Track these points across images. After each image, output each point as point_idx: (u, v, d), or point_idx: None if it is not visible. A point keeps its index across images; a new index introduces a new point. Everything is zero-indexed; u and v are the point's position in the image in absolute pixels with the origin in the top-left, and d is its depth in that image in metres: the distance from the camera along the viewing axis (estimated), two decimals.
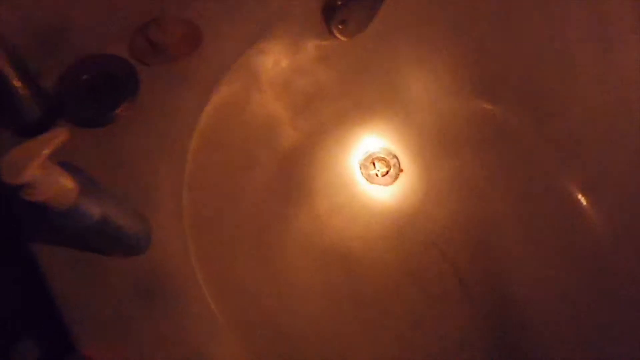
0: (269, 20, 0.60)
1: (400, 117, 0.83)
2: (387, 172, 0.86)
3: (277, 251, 0.75)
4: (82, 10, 0.51)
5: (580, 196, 0.82)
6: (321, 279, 0.77)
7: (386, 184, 0.85)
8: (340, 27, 0.65)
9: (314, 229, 0.80)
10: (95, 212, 0.37)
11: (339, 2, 0.62)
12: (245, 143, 0.67)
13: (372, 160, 0.86)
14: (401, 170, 0.86)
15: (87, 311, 0.45)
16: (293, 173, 0.79)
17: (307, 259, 0.78)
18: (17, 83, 0.45)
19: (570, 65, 0.73)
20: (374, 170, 0.86)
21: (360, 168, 0.86)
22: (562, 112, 0.79)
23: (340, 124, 0.81)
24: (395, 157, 0.86)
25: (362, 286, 0.78)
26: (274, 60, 0.64)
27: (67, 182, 0.34)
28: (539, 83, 0.78)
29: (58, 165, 0.34)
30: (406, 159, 0.86)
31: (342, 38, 0.67)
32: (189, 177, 0.53)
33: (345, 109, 0.79)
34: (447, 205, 0.84)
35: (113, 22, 0.52)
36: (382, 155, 0.86)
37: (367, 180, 0.85)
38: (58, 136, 0.32)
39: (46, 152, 0.32)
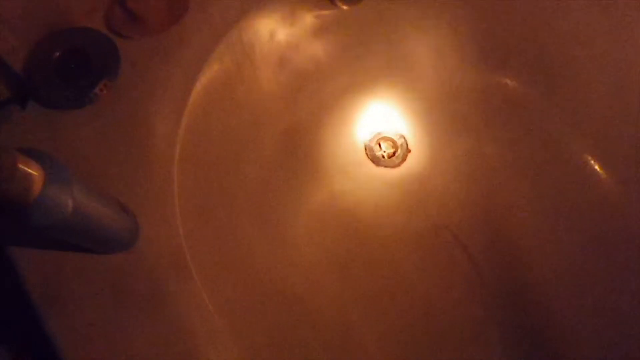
0: None
1: (407, 94, 0.77)
2: (394, 153, 0.80)
3: (281, 232, 0.70)
4: None
5: (595, 165, 0.77)
6: (328, 260, 0.73)
7: (393, 166, 0.80)
8: None
9: (318, 214, 0.75)
10: (67, 204, 0.32)
11: None
12: (240, 124, 0.62)
13: (378, 141, 0.81)
14: (409, 151, 0.80)
15: (69, 317, 0.40)
16: (294, 156, 0.74)
17: (312, 242, 0.73)
18: None
19: (578, 34, 0.68)
20: (380, 152, 0.80)
21: (366, 149, 0.80)
22: (571, 80, 0.74)
23: (342, 102, 0.75)
24: (402, 136, 0.80)
25: (370, 270, 0.74)
26: (269, 32, 0.59)
27: (31, 170, 0.29)
28: (548, 53, 0.73)
29: (19, 151, 0.29)
30: (414, 139, 0.80)
31: (343, 6, 0.61)
32: (180, 162, 0.48)
33: (347, 86, 0.74)
34: (458, 185, 0.79)
35: None
36: (389, 135, 0.81)
37: (373, 162, 0.80)
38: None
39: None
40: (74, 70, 0.45)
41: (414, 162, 0.80)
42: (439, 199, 0.79)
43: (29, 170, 0.29)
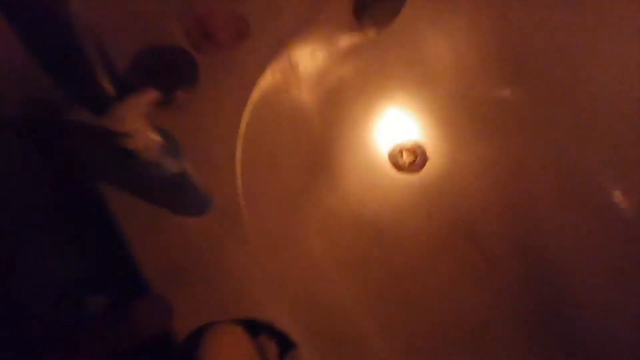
0: (307, 17, 0.67)
1: (426, 107, 0.89)
2: (414, 161, 0.91)
3: (310, 228, 0.80)
4: (147, 6, 0.58)
5: (601, 170, 0.86)
6: (350, 257, 0.82)
7: (413, 172, 0.91)
8: (370, 21, 0.71)
9: (343, 213, 0.86)
10: (174, 167, 0.43)
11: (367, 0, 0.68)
12: (284, 127, 0.73)
13: (400, 150, 0.92)
14: (427, 159, 0.91)
15: (157, 258, 0.51)
16: (323, 159, 0.85)
17: (336, 242, 0.83)
18: (98, 67, 0.52)
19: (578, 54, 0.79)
20: (401, 160, 0.91)
21: (389, 158, 0.91)
22: (572, 96, 0.84)
23: (368, 114, 0.87)
24: (420, 146, 0.91)
25: (391, 265, 0.83)
26: (311, 52, 0.71)
27: (154, 137, 0.41)
28: (551, 71, 0.84)
29: (149, 123, 0.40)
30: (432, 148, 0.91)
31: (371, 33, 0.73)
32: (241, 153, 0.60)
33: (372, 100, 0.86)
34: (474, 190, 0.89)
35: (174, 16, 0.60)
36: (408, 145, 0.92)
37: (396, 168, 0.91)
38: (149, 95, 0.39)
39: (142, 108, 0.38)
40: (162, 78, 0.58)
41: (432, 168, 0.90)
42: (456, 203, 0.88)
43: (154, 137, 0.41)
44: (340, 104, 0.83)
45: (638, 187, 0.82)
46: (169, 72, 0.59)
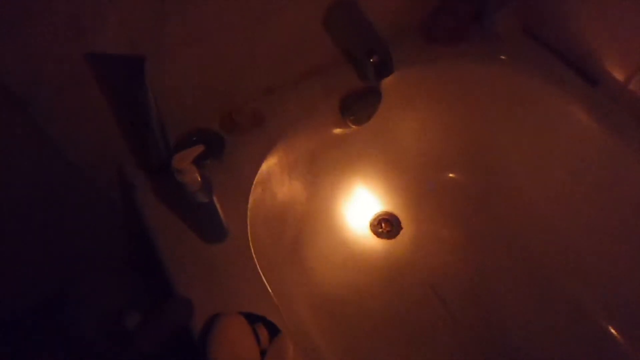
0: (304, 113, 0.93)
1: (400, 185, 1.12)
2: (391, 230, 1.12)
3: (297, 286, 0.99)
4: (194, 102, 0.85)
5: (536, 240, 1.05)
6: (331, 308, 0.99)
7: (389, 238, 1.11)
8: (351, 118, 0.97)
9: (333, 270, 1.04)
10: (206, 198, 0.65)
11: (349, 102, 0.95)
12: (279, 203, 0.96)
13: (380, 220, 1.13)
14: (401, 228, 1.11)
15: (185, 272, 0.70)
16: (314, 230, 1.06)
17: (320, 295, 1.01)
18: (159, 138, 0.77)
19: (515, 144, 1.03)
20: (381, 229, 1.12)
21: (370, 226, 1.12)
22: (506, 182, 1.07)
23: (352, 191, 1.10)
24: (396, 217, 1.12)
25: (364, 316, 0.99)
26: (305, 141, 0.96)
27: (197, 176, 0.63)
28: (501, 159, 1.08)
29: (195, 166, 0.63)
30: (405, 219, 1.12)
31: (353, 127, 0.99)
32: (251, 204, 0.81)
33: (353, 179, 1.09)
34: (440, 254, 1.08)
35: (211, 108, 0.86)
36: (386, 217, 1.13)
37: (376, 235, 1.11)
38: (198, 149, 0.62)
39: (192, 156, 0.61)
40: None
41: (405, 235, 1.11)
42: (425, 265, 1.07)
43: (197, 176, 0.63)
44: (326, 183, 1.06)
45: (580, 266, 0.99)
46: (204, 145, 0.83)
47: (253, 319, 0.65)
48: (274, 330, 0.65)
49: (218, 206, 0.69)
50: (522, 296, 1.01)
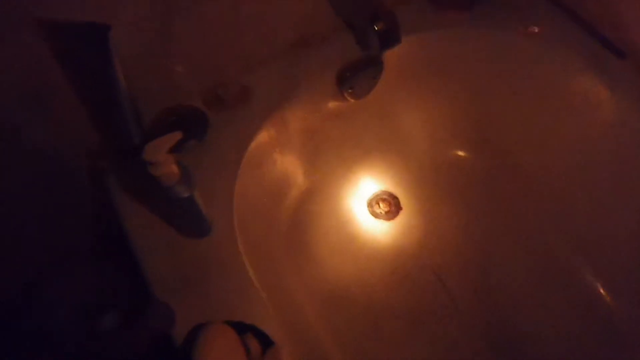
0: (297, 86, 0.83)
1: (400, 164, 1.04)
2: (389, 210, 1.04)
3: (293, 271, 0.92)
4: (173, 75, 0.74)
5: (546, 223, 0.98)
6: (330, 295, 0.93)
7: (388, 220, 1.04)
8: (349, 91, 0.88)
9: (327, 251, 0.98)
10: (186, 192, 0.57)
11: (348, 74, 0.85)
12: (274, 179, 0.87)
13: (377, 201, 1.05)
14: (401, 208, 1.04)
15: (164, 273, 0.63)
16: (311, 208, 0.99)
17: (317, 280, 0.94)
18: (130, 120, 0.67)
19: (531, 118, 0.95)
20: (379, 209, 1.04)
21: (367, 207, 1.05)
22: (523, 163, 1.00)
23: (350, 167, 1.02)
24: (395, 197, 1.05)
25: (364, 301, 0.94)
26: (302, 114, 0.86)
27: (174, 168, 0.54)
28: (509, 136, 1.00)
29: (172, 157, 0.54)
30: (405, 199, 1.05)
31: (351, 100, 0.90)
32: (237, 191, 0.73)
33: (353, 155, 1.01)
34: (439, 235, 1.01)
35: (193, 84, 0.76)
36: (384, 197, 1.05)
37: (373, 216, 1.04)
38: (174, 136, 0.53)
39: (168, 145, 0.52)
40: (181, 129, 0.73)
41: (404, 217, 1.04)
42: (425, 247, 1.01)
43: (174, 168, 0.54)
44: (325, 159, 0.97)
45: (592, 252, 0.93)
46: (185, 124, 0.74)
47: (242, 329, 0.58)
48: (266, 341, 0.58)
49: (200, 200, 0.60)
50: (529, 282, 0.95)
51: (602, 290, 0.92)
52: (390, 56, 0.83)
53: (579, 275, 0.94)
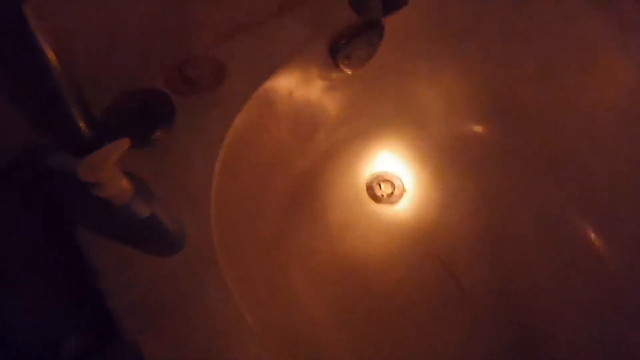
0: (284, 57, 0.69)
1: (402, 141, 0.92)
2: (392, 193, 0.93)
3: (289, 265, 0.82)
4: (123, 50, 0.61)
5: (569, 205, 0.88)
6: (329, 289, 0.84)
7: (391, 203, 0.93)
8: (345, 62, 0.74)
9: (324, 242, 0.87)
10: (145, 211, 0.45)
11: (343, 41, 0.71)
12: (262, 165, 0.75)
13: (378, 182, 0.94)
14: (405, 190, 0.93)
15: (129, 302, 0.52)
16: (303, 194, 0.87)
17: (316, 273, 0.85)
18: (75, 110, 0.54)
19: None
20: (380, 191, 0.93)
21: (367, 189, 0.93)
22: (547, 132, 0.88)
23: (346, 148, 0.89)
24: (399, 178, 0.94)
25: (369, 295, 0.84)
26: (288, 91, 0.73)
27: (125, 185, 0.42)
28: (528, 110, 0.87)
29: (120, 170, 0.42)
30: (409, 180, 0.93)
31: (347, 71, 0.76)
32: (216, 190, 0.61)
33: (350, 135, 0.88)
34: (447, 221, 0.91)
35: (152, 60, 0.62)
36: (387, 178, 0.94)
37: (374, 200, 0.93)
38: (121, 146, 0.41)
39: (113, 158, 0.40)
40: (140, 120, 0.60)
41: (409, 200, 0.93)
42: (432, 232, 0.91)
43: (125, 184, 0.42)
44: (319, 139, 0.85)
45: (610, 224, 0.84)
46: (147, 113, 0.61)
47: None
48: None
49: (165, 215, 0.49)
50: (548, 269, 0.86)
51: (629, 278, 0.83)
52: (392, 18, 0.69)
53: (604, 261, 0.85)
